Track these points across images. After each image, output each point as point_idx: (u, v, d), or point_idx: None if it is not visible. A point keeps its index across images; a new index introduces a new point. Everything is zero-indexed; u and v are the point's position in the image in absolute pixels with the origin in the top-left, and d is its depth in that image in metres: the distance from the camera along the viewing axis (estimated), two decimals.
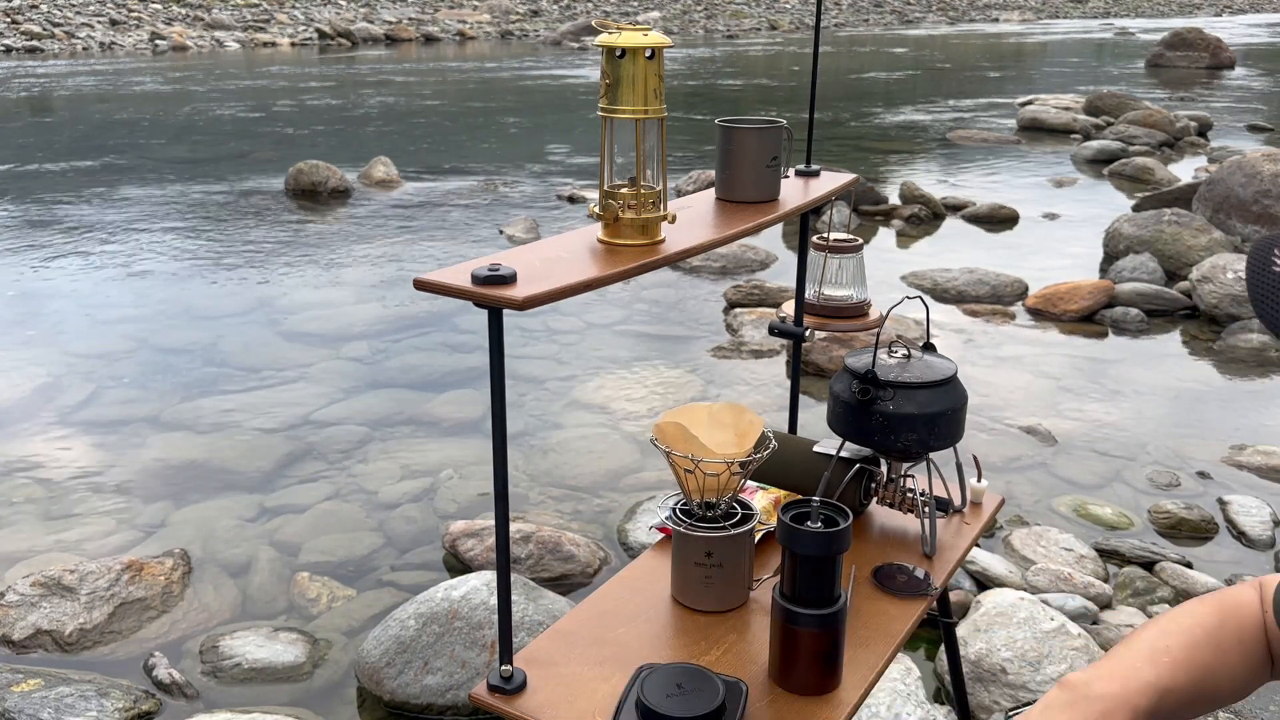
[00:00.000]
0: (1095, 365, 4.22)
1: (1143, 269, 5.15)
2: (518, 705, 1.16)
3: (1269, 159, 5.65)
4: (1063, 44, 26.28)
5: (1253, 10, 45.86)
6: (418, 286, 1.10)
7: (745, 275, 5.42)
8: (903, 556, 1.47)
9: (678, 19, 32.17)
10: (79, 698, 2.14)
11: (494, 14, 30.59)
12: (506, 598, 1.18)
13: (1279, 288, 0.83)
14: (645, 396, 3.84)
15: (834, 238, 1.80)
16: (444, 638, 2.21)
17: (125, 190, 7.65)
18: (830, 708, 1.17)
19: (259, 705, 2.21)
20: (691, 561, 1.32)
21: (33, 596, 2.49)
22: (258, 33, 24.01)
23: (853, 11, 38.45)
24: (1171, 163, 8.86)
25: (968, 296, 5.07)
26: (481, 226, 6.61)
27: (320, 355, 4.28)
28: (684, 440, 1.28)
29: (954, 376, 1.43)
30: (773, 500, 1.56)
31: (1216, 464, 3.32)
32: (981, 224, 6.75)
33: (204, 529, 2.91)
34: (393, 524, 2.95)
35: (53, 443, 3.45)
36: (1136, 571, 2.66)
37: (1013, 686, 2.15)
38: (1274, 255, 0.85)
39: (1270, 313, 0.83)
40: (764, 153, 1.47)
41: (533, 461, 3.32)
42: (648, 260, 1.20)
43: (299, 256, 5.82)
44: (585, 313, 4.76)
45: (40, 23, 22.51)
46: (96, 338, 4.49)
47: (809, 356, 4.02)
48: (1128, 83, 15.45)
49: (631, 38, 1.16)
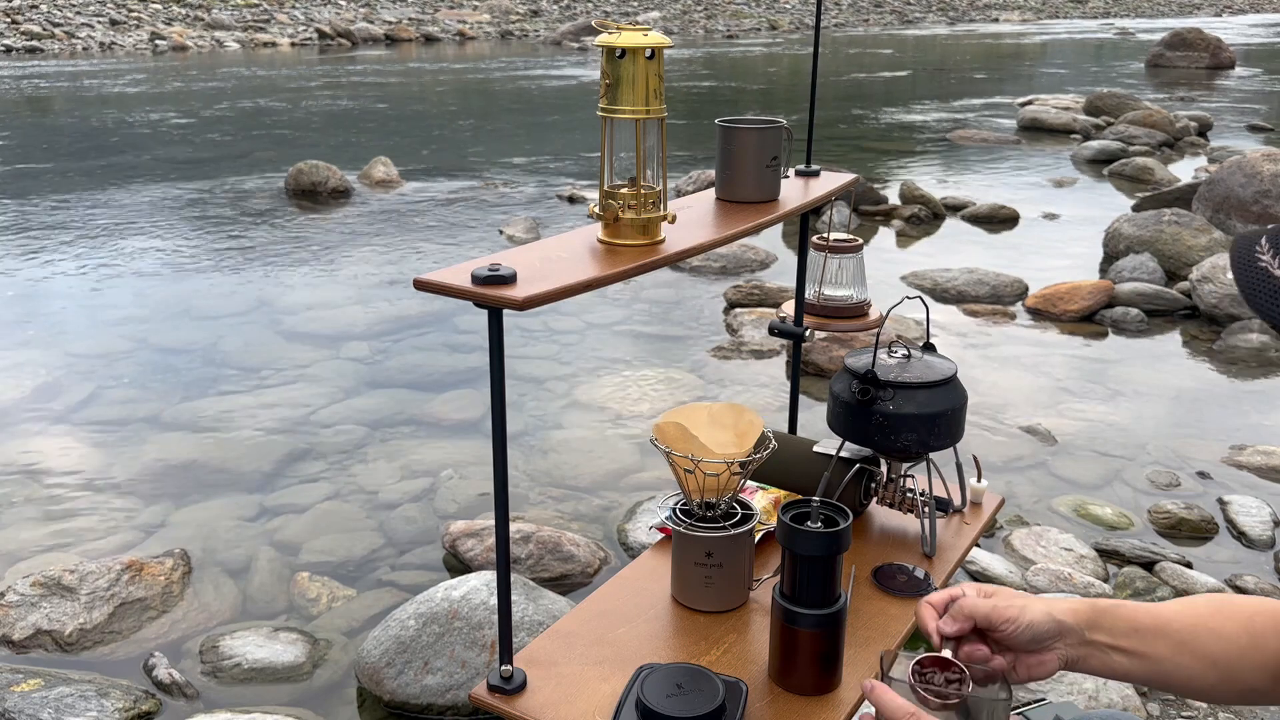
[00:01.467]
0: (1095, 365, 4.22)
1: (1143, 269, 5.15)
2: (518, 705, 1.16)
3: (1269, 159, 5.65)
4: (1062, 44, 26.28)
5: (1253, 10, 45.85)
6: (418, 286, 1.10)
7: (745, 275, 5.42)
8: (903, 556, 1.47)
9: (678, 19, 32.17)
10: (79, 698, 2.14)
11: (494, 14, 30.59)
12: (506, 598, 1.18)
13: (1267, 281, 0.84)
14: (645, 396, 3.84)
15: (834, 238, 1.80)
16: (444, 638, 2.21)
17: (125, 190, 7.65)
18: (830, 708, 1.17)
19: (259, 705, 2.21)
20: (691, 561, 1.32)
21: (33, 596, 2.49)
22: (258, 33, 24.01)
23: (852, 11, 38.45)
24: (1171, 163, 8.86)
25: (968, 296, 5.07)
26: (481, 226, 6.61)
27: (320, 355, 4.28)
28: (684, 440, 1.28)
29: (954, 376, 1.43)
30: (773, 500, 1.56)
31: (1216, 464, 3.32)
32: (981, 224, 6.75)
33: (204, 529, 2.91)
34: (393, 524, 2.95)
35: (53, 443, 3.45)
36: (1136, 571, 2.66)
37: None
38: (1257, 250, 0.85)
39: (1265, 306, 0.83)
40: (764, 153, 1.47)
41: (533, 461, 3.32)
42: (648, 260, 1.20)
43: (299, 256, 5.82)
44: (585, 313, 4.76)
45: (40, 23, 22.50)
46: (96, 338, 4.49)
47: (809, 356, 4.02)
48: (1128, 83, 15.45)
49: (631, 38, 1.17)
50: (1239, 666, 1.03)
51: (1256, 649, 1.03)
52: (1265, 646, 1.03)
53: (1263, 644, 1.03)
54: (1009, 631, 1.01)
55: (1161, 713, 2.18)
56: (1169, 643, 1.03)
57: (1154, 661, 1.03)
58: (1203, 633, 1.03)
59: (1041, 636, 1.02)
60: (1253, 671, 1.03)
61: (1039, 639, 1.02)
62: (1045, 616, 1.02)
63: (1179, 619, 1.05)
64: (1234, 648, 1.03)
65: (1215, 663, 1.03)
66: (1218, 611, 1.05)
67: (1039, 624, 1.02)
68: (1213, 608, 1.06)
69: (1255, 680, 1.03)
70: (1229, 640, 1.03)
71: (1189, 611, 1.06)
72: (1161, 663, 1.03)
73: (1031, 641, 1.02)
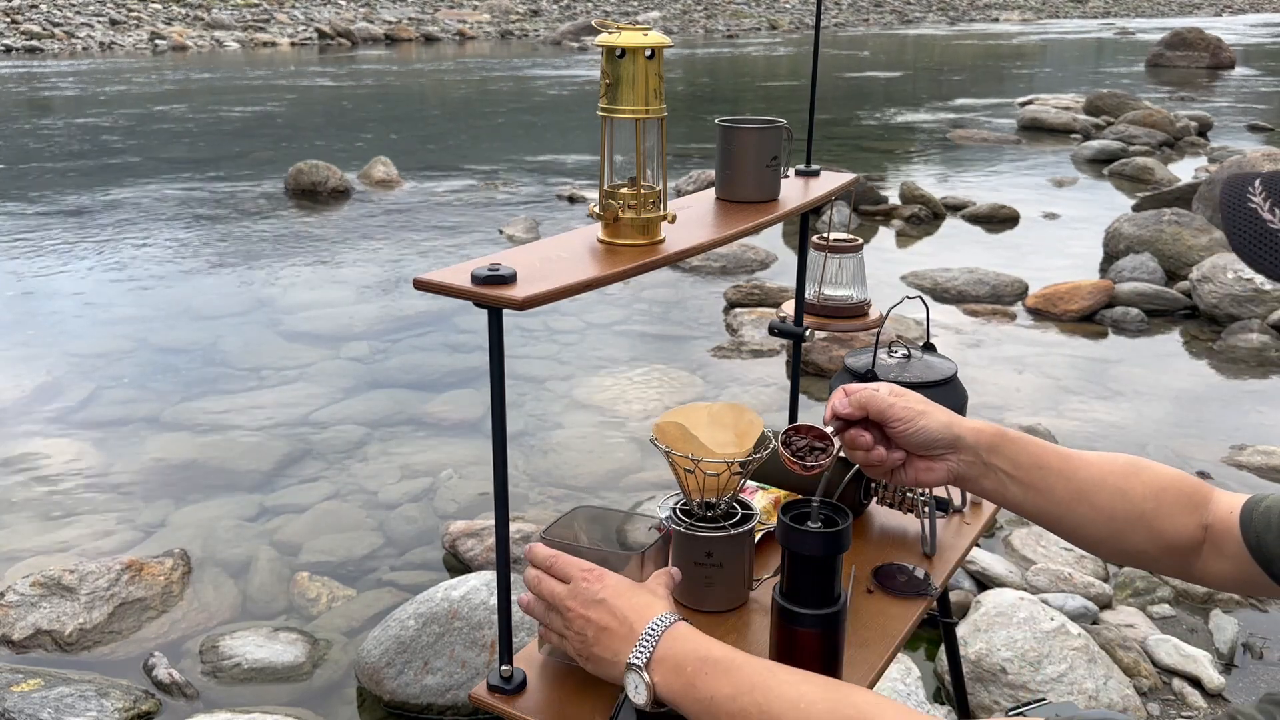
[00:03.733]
0: (1095, 365, 4.22)
1: (1143, 269, 5.15)
2: (518, 705, 1.16)
3: (1269, 159, 5.65)
4: (1063, 44, 26.28)
5: (1253, 10, 45.86)
6: (418, 286, 1.09)
7: (745, 275, 5.42)
8: (903, 556, 1.47)
9: (678, 19, 32.17)
10: (79, 698, 2.14)
11: (494, 14, 30.59)
12: (506, 598, 1.18)
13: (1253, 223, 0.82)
14: (645, 396, 3.84)
15: (834, 238, 1.80)
16: (444, 638, 2.21)
17: (125, 190, 7.65)
18: None
19: (259, 705, 2.21)
20: (691, 561, 1.32)
21: (33, 596, 2.49)
22: (257, 33, 24.01)
23: (853, 11, 38.45)
24: (1171, 162, 8.86)
25: (968, 296, 5.07)
26: (481, 226, 6.61)
27: (320, 355, 4.28)
28: (684, 440, 1.28)
29: (954, 376, 1.43)
30: (773, 500, 1.56)
31: (1216, 464, 3.32)
32: (981, 224, 6.75)
33: (204, 529, 2.91)
34: (393, 524, 2.95)
35: (53, 443, 3.45)
36: (1136, 571, 2.66)
37: (1013, 686, 2.15)
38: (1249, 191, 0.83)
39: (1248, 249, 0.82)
40: (764, 152, 1.47)
41: (533, 461, 3.32)
42: (648, 260, 1.20)
43: (299, 256, 5.82)
44: (585, 313, 4.76)
45: (40, 23, 22.50)
46: (96, 338, 4.49)
47: (809, 356, 4.02)
48: (1128, 83, 15.45)
49: (631, 37, 1.16)
50: (1133, 529, 1.05)
51: (1158, 517, 1.05)
52: (1166, 517, 1.05)
53: (1165, 515, 1.05)
54: (899, 429, 1.06)
55: (1161, 713, 2.18)
56: (1070, 487, 1.05)
57: (1048, 500, 1.05)
58: (1108, 489, 1.05)
59: (933, 443, 1.06)
60: (1146, 537, 1.05)
61: (930, 444, 1.06)
62: (942, 426, 1.05)
63: (1088, 469, 1.06)
64: (1134, 511, 1.05)
65: (1112, 519, 1.05)
66: (1132, 474, 1.07)
67: (932, 430, 1.05)
68: (1128, 469, 1.07)
69: (1145, 546, 1.06)
70: (1132, 503, 1.05)
71: (1102, 464, 1.07)
72: (1057, 504, 1.05)
73: (923, 445, 1.06)
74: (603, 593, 1.02)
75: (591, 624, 1.01)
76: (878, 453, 1.08)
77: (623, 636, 0.99)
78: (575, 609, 1.03)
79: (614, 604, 1.01)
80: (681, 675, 0.93)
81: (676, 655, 0.95)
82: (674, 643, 0.96)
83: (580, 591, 1.03)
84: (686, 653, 0.94)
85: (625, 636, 0.98)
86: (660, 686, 0.94)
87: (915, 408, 1.06)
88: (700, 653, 0.94)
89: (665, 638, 0.96)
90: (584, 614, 1.02)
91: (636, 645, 0.96)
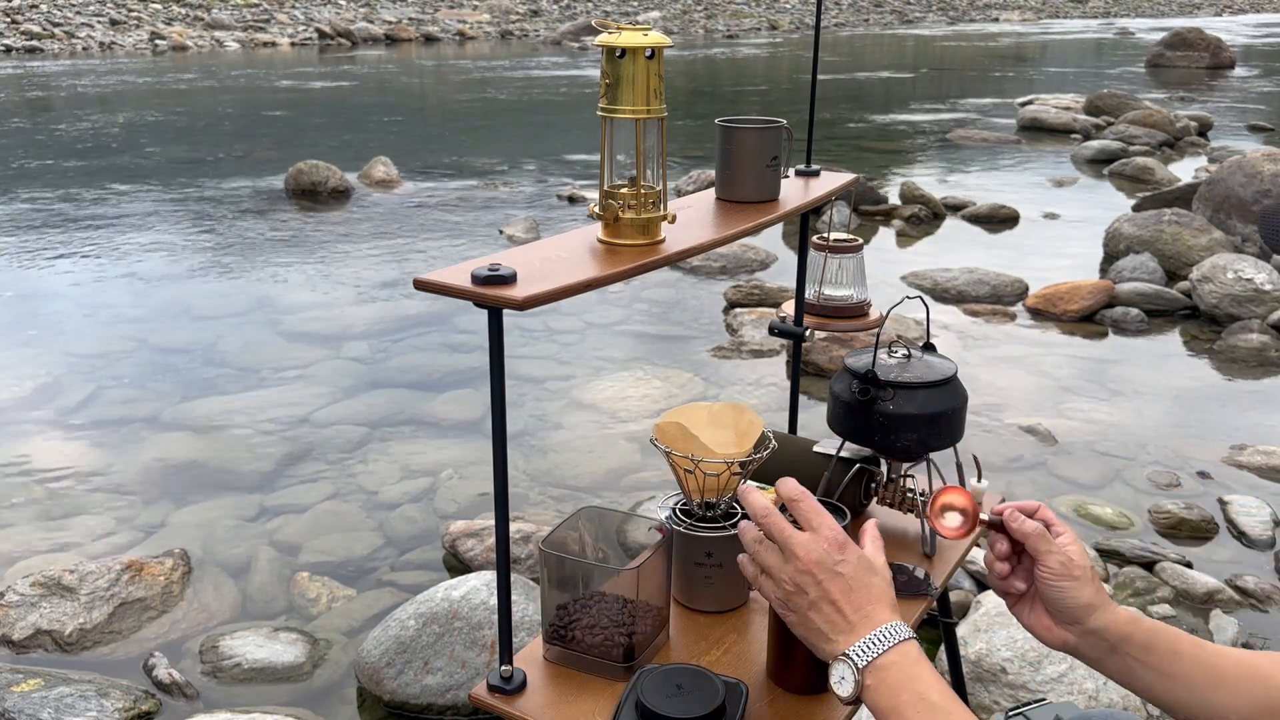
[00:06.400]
0: (1095, 365, 4.22)
1: (1143, 269, 5.15)
2: (518, 705, 1.16)
3: (1269, 159, 5.65)
4: (1063, 44, 26.27)
5: (1253, 10, 45.85)
6: (418, 286, 1.09)
7: (745, 275, 5.42)
8: (903, 556, 1.47)
9: (678, 19, 32.17)
10: (79, 698, 2.14)
11: (494, 14, 30.58)
12: (506, 598, 1.18)
13: None
14: (645, 396, 3.84)
15: (834, 238, 1.80)
16: (444, 638, 2.21)
17: (125, 190, 7.65)
18: (830, 708, 1.17)
19: (259, 705, 2.21)
20: (691, 561, 1.32)
21: (33, 596, 2.49)
22: (258, 33, 24.00)
23: (853, 11, 38.45)
24: (1172, 163, 8.86)
25: (968, 296, 5.07)
26: (481, 226, 6.61)
27: (320, 355, 4.28)
28: (684, 440, 1.28)
29: (954, 376, 1.43)
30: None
31: (1216, 464, 3.32)
32: (981, 224, 6.75)
33: (204, 529, 2.91)
34: (393, 524, 2.95)
35: (53, 442, 3.45)
36: (1136, 571, 2.66)
37: (1013, 686, 2.15)
38: None
39: None
40: (764, 153, 1.47)
41: (533, 461, 3.32)
42: (648, 260, 1.20)
43: (299, 256, 5.82)
44: (585, 313, 4.76)
45: (40, 23, 22.50)
46: (96, 338, 4.49)
47: (809, 356, 4.02)
48: (1128, 83, 15.45)
49: (631, 38, 1.16)
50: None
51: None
52: None
53: None
54: (1043, 575, 1.03)
55: (1162, 714, 2.18)
56: (1208, 674, 1.01)
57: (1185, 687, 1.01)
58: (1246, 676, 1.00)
59: (1066, 613, 1.03)
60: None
61: (1060, 612, 1.03)
62: (1083, 606, 1.02)
63: (1226, 657, 1.02)
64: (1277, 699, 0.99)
65: (1251, 704, 0.99)
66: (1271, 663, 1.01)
67: (1072, 602, 1.02)
68: (1269, 660, 1.02)
69: None
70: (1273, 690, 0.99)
71: (1240, 655, 1.02)
72: (1191, 690, 1.01)
73: (1053, 604, 1.03)
74: (843, 566, 0.97)
75: (821, 589, 0.97)
76: (1002, 568, 1.07)
77: (850, 622, 0.95)
78: (809, 565, 0.98)
79: (854, 583, 0.97)
80: (892, 697, 0.91)
81: (896, 677, 0.92)
82: (900, 659, 0.93)
83: (820, 550, 0.98)
84: (905, 680, 0.91)
85: (852, 624, 0.95)
86: (869, 690, 0.92)
87: (1073, 571, 1.02)
88: (919, 687, 0.91)
89: (895, 650, 0.93)
90: (818, 576, 0.97)
91: (865, 640, 0.94)
